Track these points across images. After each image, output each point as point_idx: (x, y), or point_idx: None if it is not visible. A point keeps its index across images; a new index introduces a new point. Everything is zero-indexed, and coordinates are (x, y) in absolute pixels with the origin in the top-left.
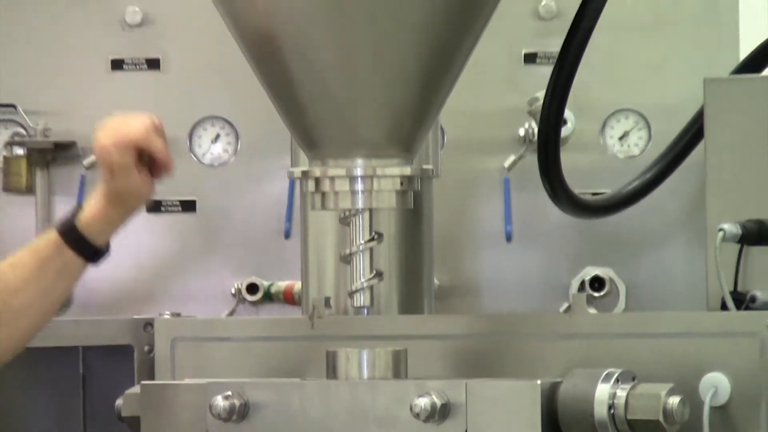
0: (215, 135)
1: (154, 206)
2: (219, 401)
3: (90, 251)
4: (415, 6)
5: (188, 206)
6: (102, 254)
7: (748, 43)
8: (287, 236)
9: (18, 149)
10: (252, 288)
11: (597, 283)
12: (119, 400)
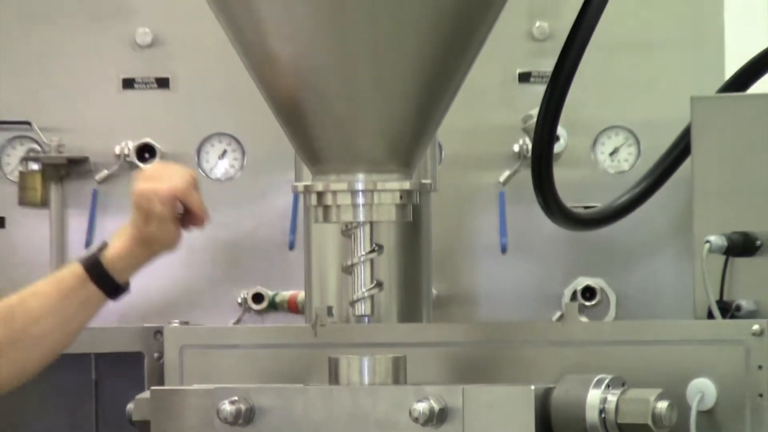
0: (222, 151)
1: None
2: (226, 406)
3: (112, 287)
4: (414, 28)
5: None
6: (122, 291)
7: (733, 63)
8: (291, 248)
9: (33, 164)
10: (257, 297)
11: (588, 293)
12: (130, 405)
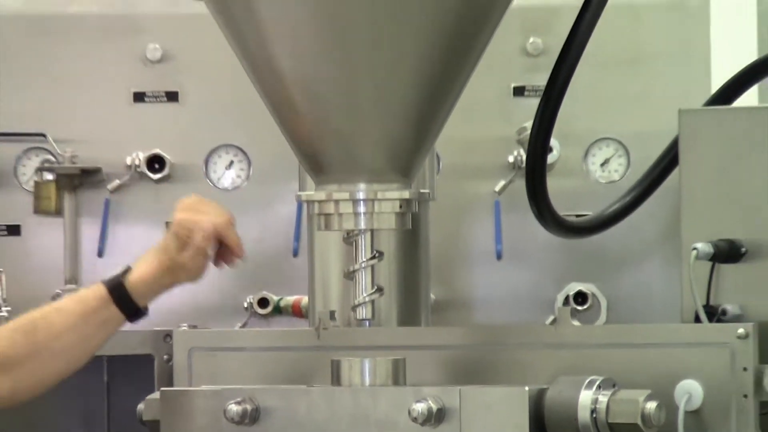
0: (229, 162)
1: None
2: (232, 406)
3: (132, 310)
4: (413, 45)
5: None
6: (142, 314)
7: (719, 78)
8: (295, 254)
9: (47, 175)
10: (263, 302)
11: (580, 298)
12: (141, 405)
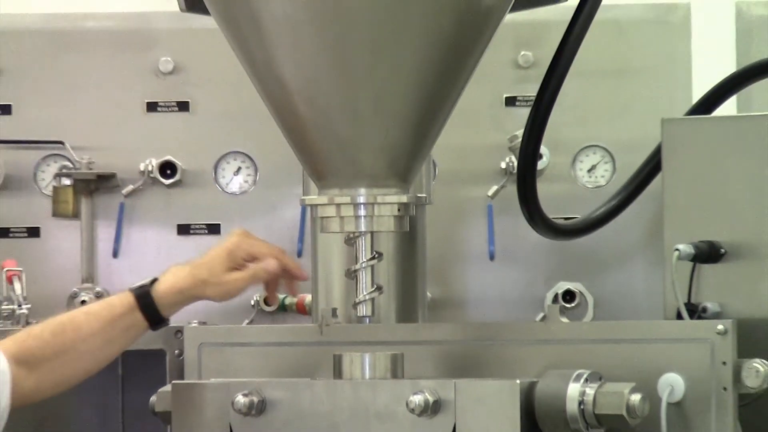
0: (237, 168)
1: (184, 229)
2: (240, 398)
3: (156, 318)
4: (412, 57)
5: (213, 229)
6: (164, 323)
7: (699, 89)
8: (299, 255)
9: (65, 180)
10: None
11: (569, 296)
12: (153, 398)
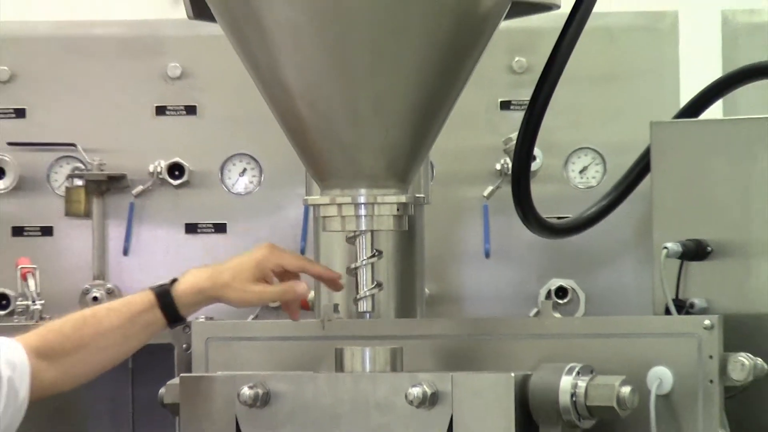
0: (242, 169)
1: (192, 228)
2: (245, 390)
3: (174, 317)
4: (411, 62)
5: (220, 228)
6: (182, 322)
7: (687, 93)
8: (302, 253)
9: (77, 181)
10: None
11: (561, 292)
12: (162, 390)
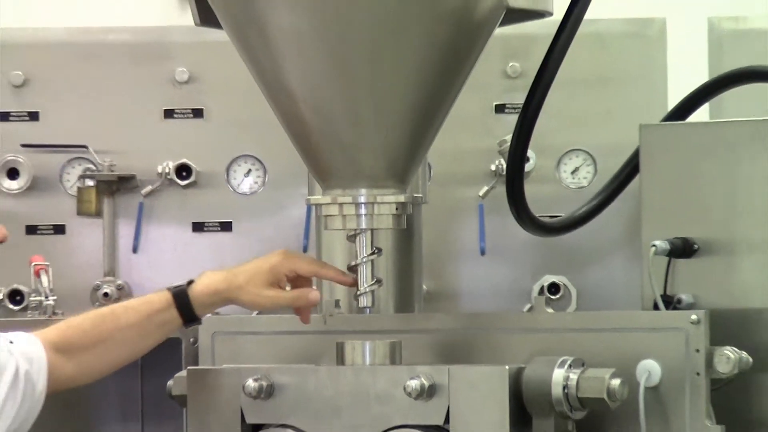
0: (247, 170)
1: (199, 227)
2: (250, 383)
3: (190, 317)
4: (409, 67)
5: (226, 227)
6: (196, 321)
7: (675, 97)
8: (305, 251)
9: (89, 181)
10: None
11: (553, 288)
12: (170, 382)
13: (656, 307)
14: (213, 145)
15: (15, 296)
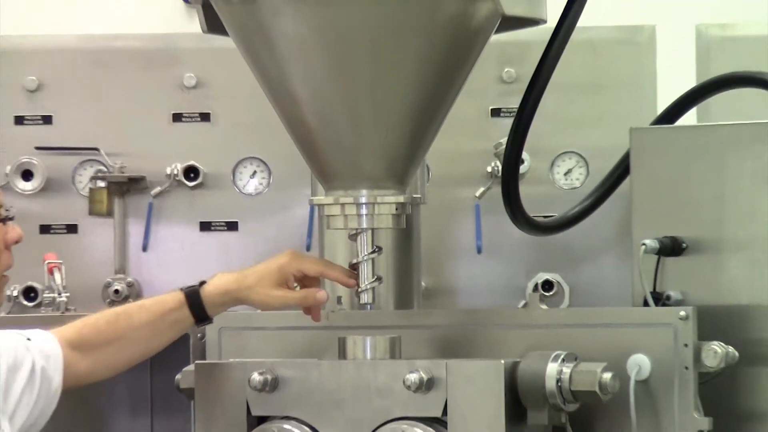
0: (253, 171)
1: (206, 226)
2: (255, 376)
3: (201, 315)
4: (408, 72)
5: (232, 226)
6: (208, 321)
7: (664, 101)
8: (308, 249)
9: (100, 182)
10: None
11: (547, 285)
12: (178, 376)
13: (646, 304)
14: (220, 148)
15: (29, 293)
